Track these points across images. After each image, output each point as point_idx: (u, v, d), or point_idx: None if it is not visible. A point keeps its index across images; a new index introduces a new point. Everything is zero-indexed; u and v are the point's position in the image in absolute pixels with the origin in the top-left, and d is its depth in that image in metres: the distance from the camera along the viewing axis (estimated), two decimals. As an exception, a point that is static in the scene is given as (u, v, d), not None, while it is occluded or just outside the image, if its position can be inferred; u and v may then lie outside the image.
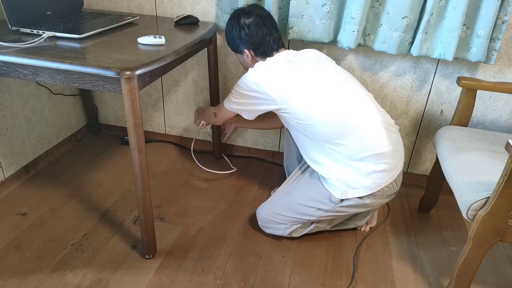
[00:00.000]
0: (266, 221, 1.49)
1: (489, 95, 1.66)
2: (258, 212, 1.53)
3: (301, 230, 1.49)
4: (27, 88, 1.75)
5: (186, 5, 1.77)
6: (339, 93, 1.30)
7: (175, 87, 2.00)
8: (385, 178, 1.31)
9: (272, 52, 1.41)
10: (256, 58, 1.42)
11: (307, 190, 1.42)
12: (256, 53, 1.41)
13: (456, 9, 1.43)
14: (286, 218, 1.45)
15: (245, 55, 1.43)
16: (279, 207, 1.46)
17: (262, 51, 1.40)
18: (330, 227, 1.53)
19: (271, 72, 1.31)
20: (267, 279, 1.35)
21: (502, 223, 1.10)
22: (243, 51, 1.43)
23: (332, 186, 1.35)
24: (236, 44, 1.43)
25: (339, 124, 1.27)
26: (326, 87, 1.30)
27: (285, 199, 1.47)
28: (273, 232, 1.51)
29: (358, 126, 1.28)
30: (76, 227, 1.53)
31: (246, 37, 1.39)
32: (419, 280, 1.38)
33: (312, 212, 1.40)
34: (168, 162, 1.99)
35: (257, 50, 1.41)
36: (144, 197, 1.29)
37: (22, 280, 1.30)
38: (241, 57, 1.48)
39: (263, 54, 1.41)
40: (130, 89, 1.11)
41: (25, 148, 1.79)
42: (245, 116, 1.43)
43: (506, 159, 1.01)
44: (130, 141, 1.20)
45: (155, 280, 1.32)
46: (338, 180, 1.33)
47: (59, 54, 1.16)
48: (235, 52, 1.48)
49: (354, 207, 1.36)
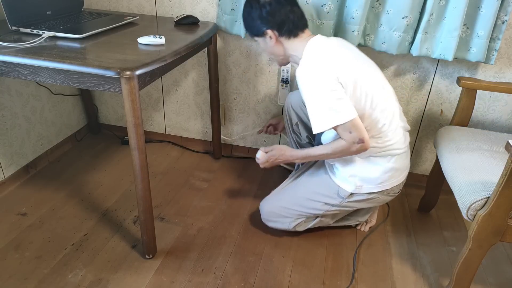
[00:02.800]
0: (270, 215, 1.48)
1: (489, 95, 1.66)
2: (262, 205, 1.51)
3: (305, 224, 1.48)
4: (27, 88, 1.75)
5: (186, 5, 1.77)
6: (382, 87, 1.29)
7: (175, 87, 2.00)
8: (399, 176, 1.35)
9: (297, 32, 1.29)
10: (281, 39, 1.31)
11: (314, 184, 1.42)
12: (281, 33, 1.29)
13: (456, 9, 1.43)
14: (291, 212, 1.44)
15: (268, 37, 1.31)
16: (284, 201, 1.45)
17: (287, 30, 1.28)
18: (333, 222, 1.53)
19: (334, 56, 1.22)
20: (267, 279, 1.35)
21: (502, 223, 1.10)
22: (265, 33, 1.30)
23: (345, 180, 1.35)
24: (257, 26, 1.30)
25: (382, 116, 1.26)
26: (373, 78, 1.27)
27: (291, 192, 1.46)
28: (277, 226, 1.49)
29: (392, 122, 1.29)
30: (76, 227, 1.53)
31: (268, 16, 1.27)
32: (419, 280, 1.38)
33: (319, 206, 1.40)
34: (168, 162, 1.99)
35: (281, 29, 1.28)
36: (144, 197, 1.29)
37: (22, 280, 1.30)
38: (262, 42, 1.35)
39: (288, 33, 1.29)
40: (130, 89, 1.11)
41: (25, 148, 1.79)
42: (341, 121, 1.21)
43: (506, 159, 1.01)
44: (130, 141, 1.20)
45: (155, 280, 1.32)
46: (354, 175, 1.33)
47: (59, 54, 1.16)
48: (255, 36, 1.35)
49: (360, 202, 1.38)
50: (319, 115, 1.20)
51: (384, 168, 1.31)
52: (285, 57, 1.36)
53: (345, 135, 1.21)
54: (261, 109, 1.94)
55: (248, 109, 1.96)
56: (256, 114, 1.96)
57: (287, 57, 1.36)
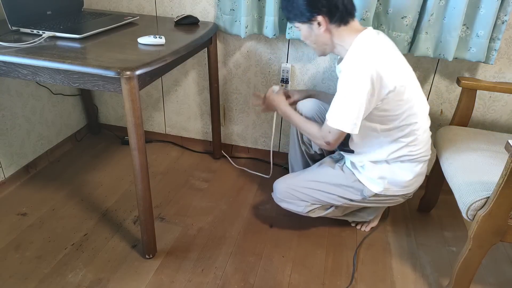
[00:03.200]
0: (286, 195, 1.44)
1: (489, 95, 1.66)
2: (278, 185, 1.46)
3: (319, 211, 1.46)
4: (27, 88, 1.75)
5: (186, 5, 1.77)
6: (422, 95, 1.29)
7: (175, 87, 2.00)
8: (421, 181, 1.38)
9: (348, 19, 1.18)
10: (330, 27, 1.18)
11: (339, 177, 1.40)
12: (332, 20, 1.16)
13: (456, 9, 1.43)
14: (309, 197, 1.41)
15: (315, 24, 1.18)
16: (305, 183, 1.42)
17: (339, 17, 1.16)
18: (342, 215, 1.54)
19: (387, 57, 1.16)
20: (267, 279, 1.35)
21: (502, 223, 1.10)
22: (315, 19, 1.17)
23: (372, 181, 1.35)
24: (307, 11, 1.16)
25: (421, 127, 1.28)
26: (418, 86, 1.27)
27: (314, 177, 1.42)
28: (290, 208, 1.46)
29: (425, 130, 1.31)
30: (76, 227, 1.53)
31: (323, 0, 1.14)
32: (419, 280, 1.38)
33: (339, 198, 1.40)
34: (168, 162, 1.99)
35: (333, 16, 1.16)
36: (144, 197, 1.29)
37: (23, 280, 1.30)
38: (307, 29, 1.22)
39: (340, 20, 1.17)
40: (130, 89, 1.11)
41: (25, 148, 1.79)
42: (356, 129, 1.18)
43: (506, 159, 1.01)
44: (130, 141, 1.20)
45: (155, 280, 1.32)
46: (384, 177, 1.33)
47: (59, 54, 1.16)
48: (301, 23, 1.22)
49: (378, 202, 1.41)
50: (341, 110, 1.16)
51: (413, 174, 1.33)
52: (330, 47, 1.24)
53: (325, 130, 1.22)
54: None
55: (248, 109, 1.96)
56: (256, 114, 1.96)
57: (333, 47, 1.24)
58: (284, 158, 2.00)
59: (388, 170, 1.33)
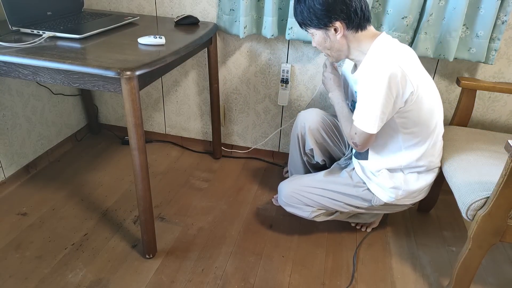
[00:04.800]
0: (291, 199, 1.42)
1: (489, 95, 1.66)
2: (283, 188, 1.44)
3: (324, 216, 1.46)
4: (28, 88, 1.76)
5: (186, 5, 1.77)
6: (440, 102, 1.28)
7: (175, 87, 2.00)
8: (429, 189, 1.38)
9: (365, 24, 1.15)
10: (347, 33, 1.15)
11: (348, 187, 1.38)
12: (349, 26, 1.13)
13: (456, 10, 1.43)
14: (315, 203, 1.40)
15: (332, 31, 1.14)
16: (311, 189, 1.40)
17: (357, 22, 1.12)
18: (346, 218, 1.54)
19: (405, 53, 1.14)
20: (267, 279, 1.35)
21: (502, 223, 1.10)
22: (332, 25, 1.13)
23: (384, 190, 1.33)
24: (324, 16, 1.12)
25: (439, 138, 1.29)
26: (436, 92, 1.25)
27: (322, 184, 1.40)
28: (295, 212, 1.44)
29: (441, 140, 1.32)
30: (76, 227, 1.53)
31: (342, 5, 1.09)
32: (419, 280, 1.39)
33: (345, 206, 1.40)
34: (168, 162, 2.00)
35: (351, 21, 1.12)
36: (144, 197, 1.29)
37: (23, 279, 1.30)
38: (321, 35, 1.17)
39: (357, 26, 1.13)
40: (130, 89, 1.12)
41: (25, 148, 1.79)
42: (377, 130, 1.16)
43: (506, 159, 1.01)
44: (130, 141, 1.20)
45: (155, 280, 1.32)
46: (398, 187, 1.30)
47: (60, 54, 1.16)
48: (316, 29, 1.17)
49: (383, 209, 1.42)
50: (366, 111, 1.14)
51: (426, 184, 1.33)
52: (346, 52, 1.21)
53: (352, 131, 1.20)
54: (261, 109, 1.94)
55: (248, 109, 1.96)
56: (256, 114, 1.97)
57: (348, 53, 1.21)
58: (284, 158, 2.00)
59: (402, 180, 1.31)
